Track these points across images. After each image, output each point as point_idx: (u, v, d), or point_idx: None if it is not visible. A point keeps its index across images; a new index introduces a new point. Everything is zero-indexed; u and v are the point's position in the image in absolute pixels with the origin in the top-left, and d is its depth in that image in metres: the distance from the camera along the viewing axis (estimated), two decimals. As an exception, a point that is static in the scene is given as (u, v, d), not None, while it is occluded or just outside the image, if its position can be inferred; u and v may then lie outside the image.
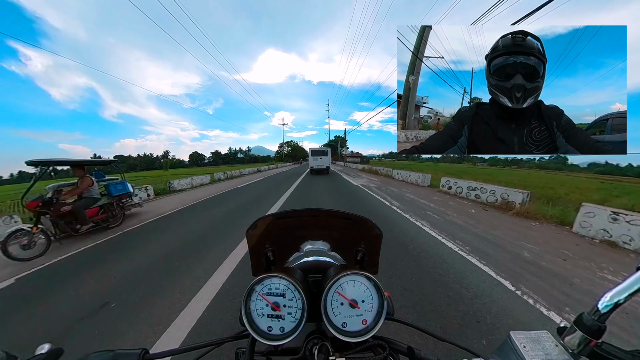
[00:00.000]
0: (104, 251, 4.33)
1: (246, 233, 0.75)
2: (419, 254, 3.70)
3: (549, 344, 0.37)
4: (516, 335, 0.38)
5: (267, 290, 0.55)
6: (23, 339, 2.15)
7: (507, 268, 3.27)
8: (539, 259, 3.57)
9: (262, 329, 0.54)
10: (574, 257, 3.67)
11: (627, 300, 0.35)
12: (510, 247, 4.05)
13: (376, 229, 0.73)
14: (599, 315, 0.35)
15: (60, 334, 2.18)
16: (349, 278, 0.55)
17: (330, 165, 23.02)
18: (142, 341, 2.04)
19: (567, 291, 2.72)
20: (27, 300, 2.79)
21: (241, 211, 7.29)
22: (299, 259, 0.79)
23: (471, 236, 4.62)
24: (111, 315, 2.41)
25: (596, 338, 0.35)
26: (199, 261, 3.65)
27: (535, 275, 3.08)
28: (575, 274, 3.14)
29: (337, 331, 0.52)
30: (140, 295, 2.77)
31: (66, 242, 4.79)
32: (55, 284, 3.15)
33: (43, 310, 2.57)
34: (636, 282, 0.34)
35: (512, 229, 5.10)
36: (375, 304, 0.55)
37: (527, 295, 2.63)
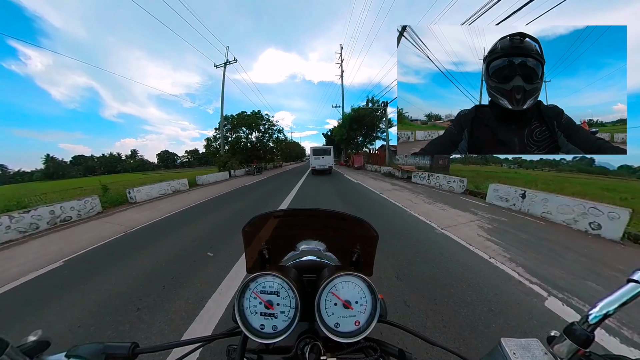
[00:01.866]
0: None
1: (242, 230, 0.74)
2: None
3: (538, 352, 0.38)
4: (506, 342, 0.39)
5: (261, 288, 0.55)
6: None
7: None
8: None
9: (254, 327, 0.53)
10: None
11: (616, 312, 0.36)
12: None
13: (372, 231, 0.73)
14: (588, 325, 0.36)
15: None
16: (343, 279, 0.55)
17: (332, 165, 21.55)
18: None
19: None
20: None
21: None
22: (294, 258, 0.78)
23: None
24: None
25: (584, 347, 0.36)
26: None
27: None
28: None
29: (330, 331, 0.52)
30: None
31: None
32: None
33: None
34: (626, 294, 0.35)
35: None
36: (368, 306, 0.55)
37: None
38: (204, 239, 4.73)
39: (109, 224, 6.29)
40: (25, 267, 3.78)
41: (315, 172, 20.70)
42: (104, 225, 6.20)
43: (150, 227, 5.78)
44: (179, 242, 4.57)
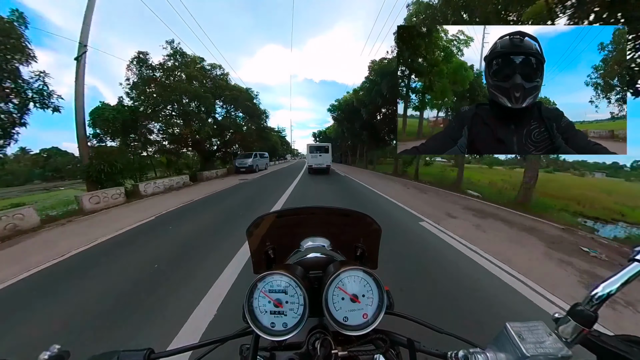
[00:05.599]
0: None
1: (247, 232, 0.76)
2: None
3: (543, 334, 0.38)
4: (512, 326, 0.40)
5: (269, 287, 0.55)
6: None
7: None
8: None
9: (265, 325, 0.54)
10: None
11: (618, 291, 0.37)
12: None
13: (375, 225, 0.74)
14: (592, 305, 0.37)
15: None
16: (349, 273, 0.56)
17: (331, 164, 18.92)
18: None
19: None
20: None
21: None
22: (299, 256, 0.79)
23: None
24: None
25: (588, 327, 0.37)
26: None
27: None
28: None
29: (339, 325, 0.53)
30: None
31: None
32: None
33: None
34: (627, 274, 0.37)
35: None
36: (375, 298, 0.56)
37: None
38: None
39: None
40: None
41: (312, 171, 17.92)
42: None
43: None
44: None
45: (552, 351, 0.35)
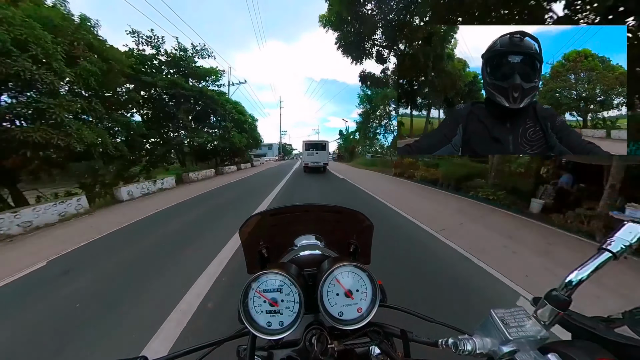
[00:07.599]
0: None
1: (239, 231, 0.75)
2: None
3: (524, 318, 0.43)
4: (496, 312, 0.44)
5: (263, 287, 0.56)
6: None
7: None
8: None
9: (261, 325, 0.55)
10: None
11: (589, 277, 0.41)
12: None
13: (367, 221, 0.75)
14: (566, 290, 0.41)
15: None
16: (343, 269, 0.57)
17: (327, 163, 18.12)
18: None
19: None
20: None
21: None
22: (293, 254, 0.79)
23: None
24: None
25: (563, 310, 0.40)
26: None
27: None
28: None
29: (334, 320, 0.54)
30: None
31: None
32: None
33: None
34: (597, 261, 0.40)
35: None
36: (369, 293, 0.57)
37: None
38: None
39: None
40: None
41: (307, 169, 17.21)
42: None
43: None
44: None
45: (532, 333, 0.40)
